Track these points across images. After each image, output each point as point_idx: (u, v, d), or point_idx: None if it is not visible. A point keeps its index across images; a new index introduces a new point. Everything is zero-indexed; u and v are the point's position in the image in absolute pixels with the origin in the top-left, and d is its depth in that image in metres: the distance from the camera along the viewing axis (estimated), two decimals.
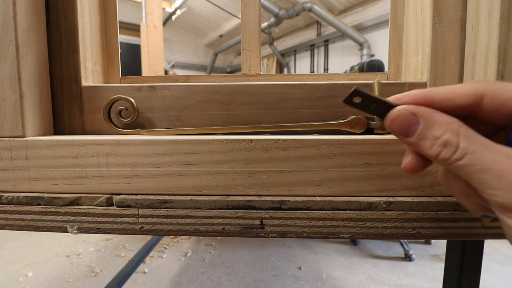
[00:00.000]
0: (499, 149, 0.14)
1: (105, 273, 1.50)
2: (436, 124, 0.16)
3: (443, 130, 0.15)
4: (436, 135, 0.16)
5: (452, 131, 0.15)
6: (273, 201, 0.23)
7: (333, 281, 1.43)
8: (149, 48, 2.11)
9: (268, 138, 0.23)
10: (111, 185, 0.24)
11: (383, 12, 4.48)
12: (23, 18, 0.25)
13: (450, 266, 0.56)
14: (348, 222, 0.22)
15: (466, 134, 0.15)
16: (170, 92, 0.30)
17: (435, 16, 0.28)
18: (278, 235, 0.23)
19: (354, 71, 1.90)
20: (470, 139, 0.15)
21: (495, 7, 0.24)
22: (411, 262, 1.61)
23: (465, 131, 0.15)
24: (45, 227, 0.24)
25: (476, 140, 0.15)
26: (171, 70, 4.39)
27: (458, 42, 0.28)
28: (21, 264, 1.57)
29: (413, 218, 0.22)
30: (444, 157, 0.15)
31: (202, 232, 0.23)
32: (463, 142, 0.15)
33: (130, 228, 0.23)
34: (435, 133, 0.16)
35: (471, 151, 0.15)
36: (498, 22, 0.24)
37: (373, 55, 4.76)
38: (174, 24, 6.83)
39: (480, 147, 0.15)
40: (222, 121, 0.30)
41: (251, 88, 0.29)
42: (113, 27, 0.35)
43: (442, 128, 0.15)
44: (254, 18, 0.34)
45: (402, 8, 0.33)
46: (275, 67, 6.95)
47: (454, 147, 0.15)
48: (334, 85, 0.29)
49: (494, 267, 1.53)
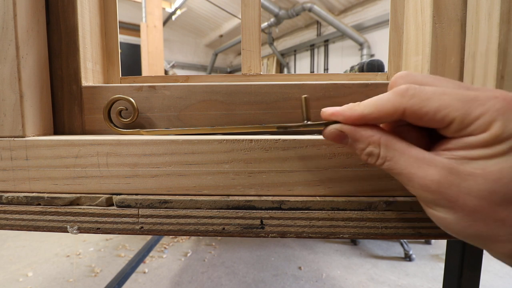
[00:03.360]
0: (412, 154, 0.17)
1: (105, 273, 1.50)
2: (360, 138, 0.19)
3: (366, 143, 0.18)
4: (361, 148, 0.19)
5: (373, 143, 0.18)
6: (273, 201, 0.23)
7: (333, 281, 1.43)
8: (149, 48, 2.11)
9: (268, 138, 0.23)
10: (111, 185, 0.24)
11: (383, 12, 4.48)
12: (23, 18, 0.25)
13: (450, 266, 0.56)
14: (348, 222, 0.22)
15: (386, 143, 0.18)
16: (170, 92, 0.30)
17: (435, 16, 0.28)
18: (278, 235, 0.23)
19: (354, 71, 1.90)
20: (388, 147, 0.18)
21: (495, 7, 0.24)
22: (411, 262, 1.61)
23: (385, 141, 0.18)
24: (45, 227, 0.24)
25: (393, 148, 0.17)
26: (171, 70, 4.39)
27: (458, 42, 0.28)
28: (21, 264, 1.57)
29: (413, 218, 0.22)
30: (371, 162, 0.19)
31: (202, 232, 0.23)
32: (383, 151, 0.18)
33: (130, 228, 0.23)
34: (360, 146, 0.19)
35: (389, 158, 0.18)
36: (498, 22, 0.24)
37: (373, 55, 4.76)
38: (174, 24, 6.83)
39: (396, 154, 0.17)
40: (222, 121, 0.30)
41: (251, 88, 0.30)
42: (113, 27, 0.35)
43: (365, 142, 0.18)
44: (254, 18, 0.34)
45: (402, 8, 0.33)
46: (275, 67, 6.95)
47: (376, 156, 0.18)
48: (334, 85, 0.29)
49: (494, 267, 1.53)
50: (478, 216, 0.15)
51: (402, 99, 0.17)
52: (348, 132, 0.19)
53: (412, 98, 0.16)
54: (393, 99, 0.17)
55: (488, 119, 0.15)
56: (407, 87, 0.17)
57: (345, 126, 0.19)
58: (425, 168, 0.16)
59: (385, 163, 0.18)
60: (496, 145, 0.15)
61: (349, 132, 0.19)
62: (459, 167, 0.16)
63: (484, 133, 0.15)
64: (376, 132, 0.18)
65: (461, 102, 0.16)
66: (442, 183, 0.16)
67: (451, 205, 0.16)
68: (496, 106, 0.15)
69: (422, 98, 0.16)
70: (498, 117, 0.15)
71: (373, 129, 0.18)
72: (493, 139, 0.15)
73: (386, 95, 0.18)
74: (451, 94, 0.16)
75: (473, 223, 0.15)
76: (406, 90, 0.17)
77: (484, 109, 0.15)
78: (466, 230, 0.16)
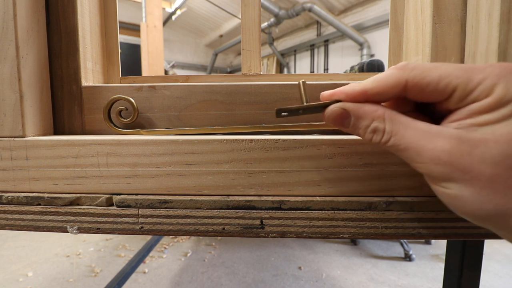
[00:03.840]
0: (417, 127, 0.16)
1: (105, 273, 1.50)
2: (364, 115, 0.18)
3: (370, 119, 0.18)
4: (366, 125, 0.18)
5: (378, 118, 0.18)
6: (273, 201, 0.23)
7: (333, 281, 1.43)
8: (149, 48, 2.11)
9: (268, 138, 0.23)
10: (111, 185, 0.24)
11: (383, 12, 4.48)
12: (23, 18, 0.25)
13: (450, 266, 0.56)
14: (348, 222, 0.22)
15: (391, 117, 0.17)
16: (170, 92, 0.30)
17: (435, 16, 0.28)
18: (278, 235, 0.23)
19: (354, 71, 1.90)
20: (393, 121, 0.17)
21: (495, 7, 0.24)
22: (411, 262, 1.61)
23: (389, 116, 0.17)
24: (45, 227, 0.24)
25: (398, 121, 0.17)
26: (171, 70, 4.39)
27: (458, 42, 0.28)
28: (21, 264, 1.57)
29: (413, 218, 0.22)
30: (376, 141, 0.18)
31: (202, 232, 0.23)
32: (388, 125, 0.17)
33: (130, 228, 0.23)
34: (365, 123, 0.18)
35: (395, 133, 0.17)
36: (498, 22, 0.24)
37: (373, 55, 4.76)
38: (174, 24, 6.83)
39: (402, 127, 0.17)
40: (222, 121, 0.30)
41: (251, 88, 0.29)
42: (113, 27, 0.35)
43: (369, 117, 0.18)
44: (254, 18, 0.34)
45: (402, 8, 0.33)
46: (275, 67, 6.95)
47: (381, 131, 0.17)
48: (334, 85, 0.29)
49: (494, 267, 1.53)
50: (496, 187, 0.14)
51: (404, 72, 0.17)
52: (351, 108, 0.18)
53: (413, 70, 0.17)
54: (395, 72, 0.17)
55: (490, 83, 0.15)
56: (407, 62, 0.17)
57: (348, 103, 0.19)
58: (433, 140, 0.16)
59: (391, 138, 0.17)
60: (501, 107, 0.15)
61: (352, 109, 0.18)
62: (468, 135, 0.15)
63: (488, 98, 0.15)
64: (379, 107, 0.18)
65: (461, 71, 0.16)
66: (454, 153, 0.15)
67: (466, 177, 0.15)
68: (495, 71, 0.15)
69: (423, 69, 0.16)
70: (499, 81, 0.15)
71: (377, 105, 0.18)
72: (497, 102, 0.15)
73: (387, 71, 0.18)
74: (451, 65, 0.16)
75: (491, 196, 0.15)
76: (407, 64, 0.17)
77: (484, 75, 0.15)
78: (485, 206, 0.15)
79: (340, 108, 0.19)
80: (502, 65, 0.15)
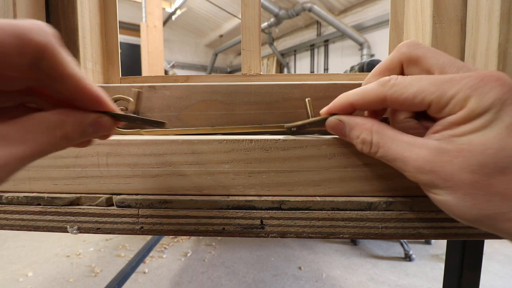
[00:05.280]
0: (403, 139, 0.18)
1: (105, 273, 1.50)
2: (356, 126, 0.20)
3: (359, 130, 0.20)
4: (356, 135, 0.20)
5: (366, 130, 0.19)
6: (273, 201, 0.23)
7: (333, 281, 1.43)
8: (149, 48, 2.11)
9: (268, 138, 0.23)
10: (111, 185, 0.24)
11: (383, 12, 4.48)
12: (23, 18, 0.25)
13: (450, 266, 0.56)
14: (348, 222, 0.22)
15: (378, 131, 0.19)
16: (170, 92, 0.30)
17: (435, 16, 0.28)
18: (278, 235, 0.23)
19: (354, 71, 1.90)
20: (380, 134, 0.19)
21: (495, 7, 0.24)
22: (411, 262, 1.61)
23: (377, 129, 0.19)
24: (45, 227, 0.24)
25: (385, 135, 0.18)
26: (171, 70, 4.39)
27: (458, 42, 0.28)
28: (21, 264, 1.57)
29: (413, 218, 0.22)
30: (365, 151, 0.20)
31: (202, 232, 0.23)
32: (375, 138, 0.19)
33: (130, 228, 0.23)
34: (355, 134, 0.20)
35: (382, 145, 0.18)
36: (498, 22, 0.24)
37: (373, 55, 4.76)
38: (174, 24, 6.82)
39: (388, 140, 0.18)
40: (222, 121, 0.30)
41: (251, 88, 0.29)
42: (113, 27, 0.35)
43: (358, 129, 0.20)
44: (254, 18, 0.34)
45: (402, 8, 0.33)
46: (275, 67, 6.95)
47: (369, 143, 0.19)
48: (334, 85, 0.29)
49: (494, 267, 1.53)
50: (478, 193, 0.15)
51: (384, 88, 0.18)
52: (345, 120, 0.21)
53: (392, 87, 0.18)
54: (376, 88, 0.19)
55: (463, 97, 0.16)
56: (389, 78, 0.18)
57: (343, 116, 0.21)
58: (416, 151, 0.17)
59: (379, 150, 0.19)
60: (475, 119, 0.16)
61: (345, 120, 0.21)
62: (447, 146, 0.16)
63: (462, 111, 0.16)
64: (369, 121, 0.20)
65: (435, 86, 0.17)
66: (435, 162, 0.16)
67: (448, 184, 0.16)
68: (468, 84, 0.16)
69: (401, 86, 0.18)
70: (471, 93, 0.16)
71: (367, 119, 0.20)
72: (470, 114, 0.16)
73: (372, 84, 0.19)
74: (427, 79, 0.17)
75: (474, 201, 0.16)
76: (388, 80, 0.18)
77: (458, 88, 0.16)
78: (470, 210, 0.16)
79: (337, 120, 0.21)
80: (478, 76, 0.16)
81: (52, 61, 0.14)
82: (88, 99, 0.16)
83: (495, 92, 0.15)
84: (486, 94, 0.15)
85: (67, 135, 0.15)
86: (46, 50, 0.13)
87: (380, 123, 0.19)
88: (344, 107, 0.21)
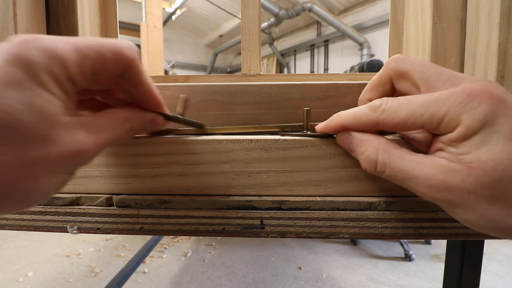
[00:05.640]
0: (410, 158, 0.17)
1: (105, 273, 1.50)
2: (362, 142, 0.20)
3: (365, 147, 0.19)
4: (361, 152, 0.19)
5: (371, 148, 0.19)
6: (273, 201, 0.23)
7: (333, 281, 1.43)
8: (149, 48, 2.10)
9: (268, 138, 0.23)
10: (111, 185, 0.24)
11: (383, 12, 4.48)
12: (23, 18, 0.25)
13: (450, 266, 0.56)
14: (348, 222, 0.22)
15: (385, 149, 0.18)
16: (170, 92, 0.30)
17: (435, 16, 0.28)
18: (278, 235, 0.23)
19: (354, 71, 1.90)
20: (387, 153, 0.18)
21: (495, 7, 0.24)
22: (411, 262, 1.61)
23: (384, 147, 0.18)
24: (45, 227, 0.24)
25: (393, 154, 0.18)
26: (171, 70, 4.38)
27: (458, 42, 0.28)
28: (21, 264, 1.57)
29: (413, 218, 0.22)
30: (370, 170, 0.19)
31: (202, 232, 0.23)
32: (381, 156, 0.18)
33: (130, 228, 0.23)
34: (361, 150, 0.19)
35: (389, 164, 0.18)
36: (498, 22, 0.24)
37: (373, 55, 4.76)
38: (174, 24, 6.82)
39: (396, 159, 0.18)
40: (222, 121, 0.30)
41: (251, 88, 0.29)
42: (113, 27, 0.35)
43: (364, 145, 0.19)
44: (254, 18, 0.34)
45: (402, 8, 0.33)
46: (275, 67, 6.95)
47: (374, 161, 0.19)
48: (334, 85, 0.29)
49: (494, 267, 1.53)
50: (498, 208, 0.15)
51: (375, 114, 0.18)
52: (354, 134, 0.20)
53: (382, 113, 0.18)
54: (368, 114, 0.19)
55: (454, 115, 0.16)
56: (380, 103, 0.18)
57: (354, 132, 0.20)
58: (427, 170, 0.17)
59: (386, 169, 0.18)
60: (474, 135, 0.15)
61: (355, 135, 0.20)
62: (457, 166, 0.16)
63: (458, 127, 0.16)
64: (376, 138, 0.19)
65: (424, 107, 0.17)
66: (448, 181, 0.16)
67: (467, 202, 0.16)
68: (457, 101, 0.16)
69: (391, 111, 0.18)
70: (462, 110, 0.16)
71: (375, 136, 0.19)
72: (468, 130, 0.15)
73: (363, 108, 0.19)
74: (416, 101, 0.17)
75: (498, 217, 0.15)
76: (379, 106, 0.18)
77: (447, 106, 0.16)
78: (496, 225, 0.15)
79: (347, 133, 0.21)
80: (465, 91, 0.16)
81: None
82: (151, 102, 0.20)
83: (485, 106, 0.15)
84: (476, 108, 0.15)
85: (132, 128, 0.19)
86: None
87: (387, 141, 0.19)
88: (338, 129, 0.21)
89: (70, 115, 0.15)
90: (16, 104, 0.13)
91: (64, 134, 0.14)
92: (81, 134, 0.15)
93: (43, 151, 0.14)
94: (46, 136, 0.14)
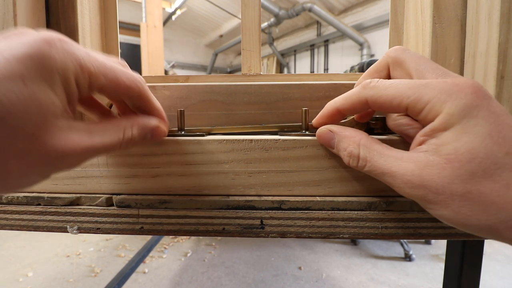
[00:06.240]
0: (390, 154, 0.18)
1: (105, 273, 1.50)
2: (344, 138, 0.20)
3: (347, 143, 0.19)
4: (344, 147, 0.20)
5: (354, 143, 0.19)
6: (273, 201, 0.23)
7: (333, 281, 1.43)
8: (149, 48, 2.10)
9: (268, 138, 0.23)
10: (111, 185, 0.24)
11: (383, 12, 4.48)
12: (23, 18, 0.25)
13: (450, 266, 0.56)
14: (348, 222, 0.22)
15: (366, 145, 0.19)
16: (170, 92, 0.30)
17: (435, 16, 0.28)
18: (278, 235, 0.23)
19: (354, 71, 1.90)
20: (368, 148, 0.19)
21: (495, 7, 0.24)
22: (411, 262, 1.61)
23: (365, 142, 0.19)
24: (45, 227, 0.24)
25: (373, 149, 0.18)
26: (171, 70, 4.38)
27: (458, 42, 0.28)
28: (21, 264, 1.57)
29: (413, 218, 0.22)
30: (352, 165, 0.19)
31: (202, 232, 0.23)
32: (362, 152, 0.19)
33: (130, 228, 0.23)
34: (343, 145, 0.20)
35: (369, 159, 0.18)
36: (498, 22, 0.24)
37: (373, 55, 4.76)
38: (174, 24, 6.82)
39: (376, 154, 0.18)
40: (222, 121, 0.30)
41: (251, 88, 0.29)
42: (113, 27, 0.35)
43: (346, 141, 0.20)
44: (254, 18, 0.34)
45: (402, 8, 0.33)
46: (275, 67, 6.95)
47: (356, 157, 0.19)
48: (334, 85, 0.29)
49: (494, 267, 1.53)
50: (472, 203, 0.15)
51: (365, 90, 0.19)
52: (335, 130, 0.21)
53: (372, 90, 0.18)
54: (358, 91, 0.19)
55: (438, 101, 0.16)
56: (370, 81, 0.19)
57: (334, 126, 0.21)
58: (404, 165, 0.17)
59: (366, 164, 0.18)
60: (455, 124, 0.15)
61: (336, 130, 0.21)
62: (434, 158, 0.16)
63: (440, 115, 0.16)
64: (358, 134, 0.20)
65: (412, 90, 0.17)
66: (423, 176, 0.16)
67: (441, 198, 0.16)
68: (444, 89, 0.16)
69: (380, 88, 0.18)
70: (446, 99, 0.16)
71: (356, 131, 0.20)
72: (449, 119, 0.16)
73: (355, 88, 0.20)
74: (407, 83, 0.17)
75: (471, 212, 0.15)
76: (369, 83, 0.19)
77: (434, 93, 0.16)
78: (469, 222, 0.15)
79: (327, 129, 0.21)
80: (453, 82, 0.16)
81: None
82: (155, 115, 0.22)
83: (470, 98, 0.15)
84: (461, 99, 0.15)
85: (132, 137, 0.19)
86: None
87: (368, 137, 0.19)
88: (332, 114, 0.21)
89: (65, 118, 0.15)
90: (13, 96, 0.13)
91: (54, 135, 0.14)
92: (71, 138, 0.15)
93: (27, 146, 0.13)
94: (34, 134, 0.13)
